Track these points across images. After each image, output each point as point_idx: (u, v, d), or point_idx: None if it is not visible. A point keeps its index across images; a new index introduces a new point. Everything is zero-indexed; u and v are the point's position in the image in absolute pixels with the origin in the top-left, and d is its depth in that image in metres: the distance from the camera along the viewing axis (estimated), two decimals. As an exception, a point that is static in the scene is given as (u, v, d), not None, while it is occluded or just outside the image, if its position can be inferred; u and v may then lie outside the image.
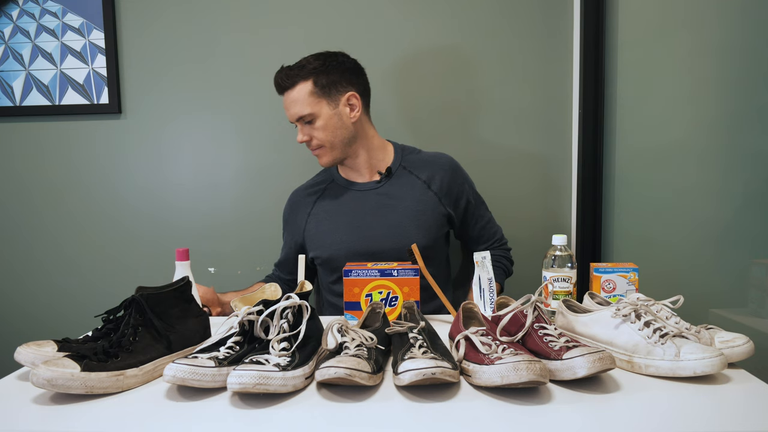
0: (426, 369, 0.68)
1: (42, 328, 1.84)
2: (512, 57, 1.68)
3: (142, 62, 1.74)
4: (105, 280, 1.82)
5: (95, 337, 0.84)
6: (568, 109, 1.69)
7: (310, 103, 1.30)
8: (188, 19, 1.72)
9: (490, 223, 1.49)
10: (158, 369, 0.81)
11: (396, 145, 1.46)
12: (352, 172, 1.43)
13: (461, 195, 1.41)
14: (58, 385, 0.69)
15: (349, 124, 1.34)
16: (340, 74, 1.32)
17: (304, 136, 1.34)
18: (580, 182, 1.62)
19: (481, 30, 1.68)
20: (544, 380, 0.68)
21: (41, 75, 1.75)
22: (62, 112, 1.76)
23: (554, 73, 1.68)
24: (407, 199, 1.37)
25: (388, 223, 1.35)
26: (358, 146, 1.39)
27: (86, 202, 1.80)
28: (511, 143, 1.71)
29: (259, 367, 0.69)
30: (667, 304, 0.88)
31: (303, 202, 1.46)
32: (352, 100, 1.33)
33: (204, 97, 1.75)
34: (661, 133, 1.33)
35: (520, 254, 1.58)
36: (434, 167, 1.40)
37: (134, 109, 1.77)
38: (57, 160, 1.79)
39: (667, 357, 0.75)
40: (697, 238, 1.19)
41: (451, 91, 1.70)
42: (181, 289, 0.90)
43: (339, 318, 0.83)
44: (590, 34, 1.57)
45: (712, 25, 1.14)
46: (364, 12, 1.69)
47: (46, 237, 1.82)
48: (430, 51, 1.70)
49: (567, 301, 0.94)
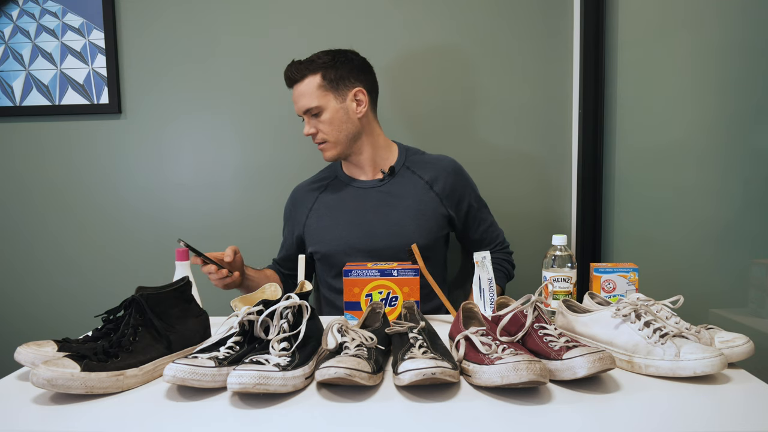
0: (426, 369, 0.68)
1: (42, 328, 1.84)
2: (512, 57, 1.68)
3: (142, 62, 1.75)
4: (105, 280, 1.82)
5: (95, 337, 0.84)
6: (568, 109, 1.69)
7: (318, 96, 1.32)
8: (188, 19, 1.72)
9: (492, 227, 1.49)
10: (158, 369, 0.81)
11: (401, 145, 1.47)
12: (355, 169, 1.44)
13: (463, 198, 1.41)
14: (58, 385, 0.69)
15: (355, 119, 1.35)
16: (349, 70, 1.34)
17: (311, 129, 1.35)
18: (580, 182, 1.62)
19: (480, 29, 1.68)
20: (544, 380, 0.68)
21: (41, 75, 1.75)
22: (62, 112, 1.76)
23: (554, 72, 1.68)
24: (409, 198, 1.37)
25: (389, 221, 1.35)
26: (363, 142, 1.39)
27: (86, 202, 1.80)
28: (511, 143, 1.71)
29: (259, 367, 0.69)
30: (667, 304, 0.88)
31: (305, 198, 1.47)
32: (360, 95, 1.34)
33: (204, 97, 1.75)
34: (661, 133, 1.33)
35: (520, 254, 1.58)
36: (437, 169, 1.41)
37: (134, 109, 1.77)
38: (57, 160, 1.79)
39: (667, 357, 0.75)
40: (697, 237, 1.19)
41: (450, 90, 1.70)
42: (181, 289, 0.90)
43: (339, 318, 0.83)
44: (590, 33, 1.57)
45: (712, 24, 1.14)
46: (364, 12, 1.69)
47: (46, 237, 1.82)
48: (429, 51, 1.70)
49: (567, 301, 0.94)
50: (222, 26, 1.72)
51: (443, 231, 1.40)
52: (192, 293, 0.94)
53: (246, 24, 1.72)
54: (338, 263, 1.34)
